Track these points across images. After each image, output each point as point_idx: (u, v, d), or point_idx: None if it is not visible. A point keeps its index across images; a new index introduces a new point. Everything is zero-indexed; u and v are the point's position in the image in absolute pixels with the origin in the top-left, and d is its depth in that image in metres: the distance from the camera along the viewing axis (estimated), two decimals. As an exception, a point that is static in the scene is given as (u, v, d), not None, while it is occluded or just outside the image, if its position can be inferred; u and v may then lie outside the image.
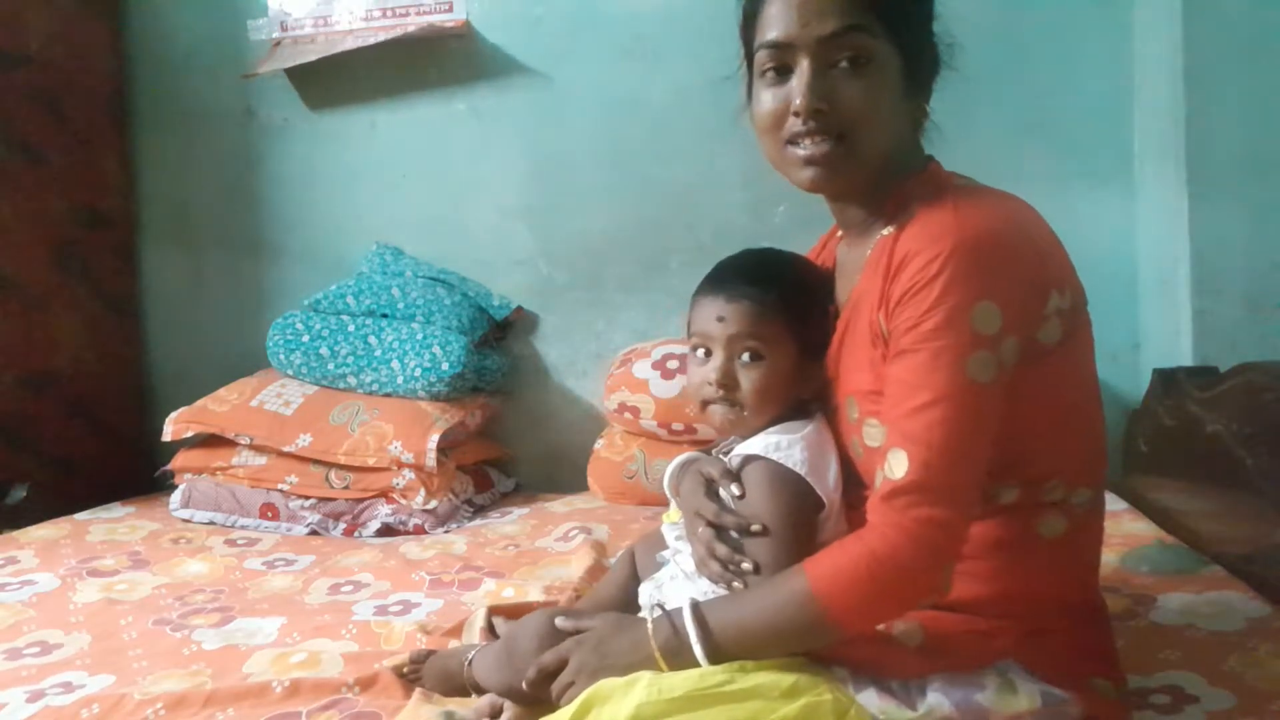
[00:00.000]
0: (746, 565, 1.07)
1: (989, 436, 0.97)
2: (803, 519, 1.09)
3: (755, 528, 1.07)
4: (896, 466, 0.95)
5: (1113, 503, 1.96)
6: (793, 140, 1.05)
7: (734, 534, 1.09)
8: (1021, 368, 0.98)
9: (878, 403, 1.02)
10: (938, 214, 1.00)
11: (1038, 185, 2.27)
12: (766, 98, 1.05)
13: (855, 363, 1.08)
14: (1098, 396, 1.10)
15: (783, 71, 1.04)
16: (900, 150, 1.08)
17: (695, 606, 1.02)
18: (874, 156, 1.05)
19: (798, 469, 1.10)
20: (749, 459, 1.12)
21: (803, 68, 1.01)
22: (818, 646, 1.01)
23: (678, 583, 1.19)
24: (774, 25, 1.03)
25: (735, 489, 1.11)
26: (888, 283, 1.01)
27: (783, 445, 1.11)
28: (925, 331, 0.96)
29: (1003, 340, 0.96)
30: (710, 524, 1.10)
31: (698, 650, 0.99)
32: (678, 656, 1.01)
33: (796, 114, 1.02)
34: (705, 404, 1.17)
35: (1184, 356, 2.06)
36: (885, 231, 1.06)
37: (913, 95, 1.07)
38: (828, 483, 1.11)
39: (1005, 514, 1.03)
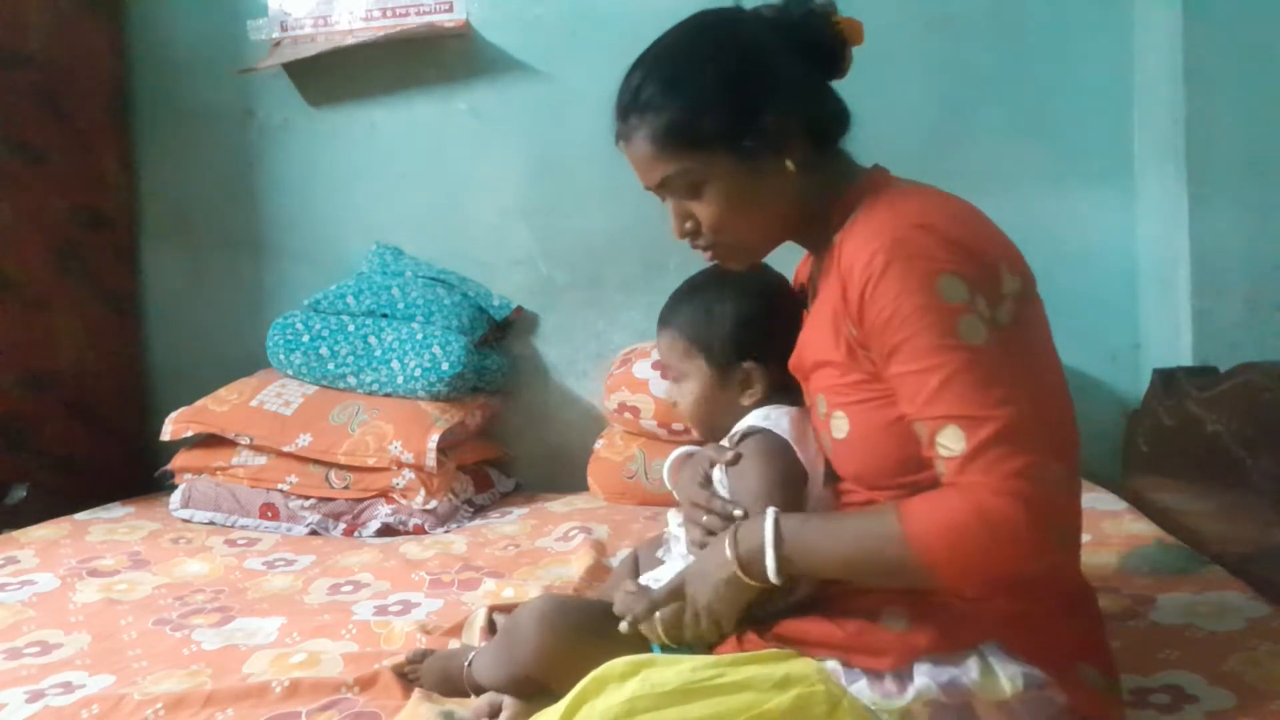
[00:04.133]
0: None
1: (1025, 378, 0.98)
2: (792, 486, 1.14)
3: (737, 513, 1.11)
4: (954, 443, 0.95)
5: (1113, 503, 1.97)
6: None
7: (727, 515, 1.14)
8: None
9: (843, 395, 1.07)
10: (875, 213, 1.05)
11: (1038, 185, 2.31)
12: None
13: (819, 363, 1.12)
14: (1061, 377, 1.11)
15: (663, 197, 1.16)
16: (810, 195, 1.12)
17: (776, 516, 1.03)
18: (756, 241, 1.16)
19: (785, 435, 1.16)
20: (748, 431, 1.19)
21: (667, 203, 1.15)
22: (896, 586, 1.02)
23: (675, 563, 1.23)
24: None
25: (730, 455, 1.17)
26: (842, 287, 1.04)
27: (772, 416, 1.19)
28: (903, 320, 0.98)
29: (976, 304, 0.98)
30: (706, 510, 1.15)
31: (769, 555, 1.01)
32: (754, 564, 1.03)
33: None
34: None
35: (1184, 356, 2.06)
36: (835, 239, 1.09)
37: (778, 158, 1.09)
38: (810, 454, 1.16)
39: None
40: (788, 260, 1.26)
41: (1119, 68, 2.30)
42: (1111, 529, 1.79)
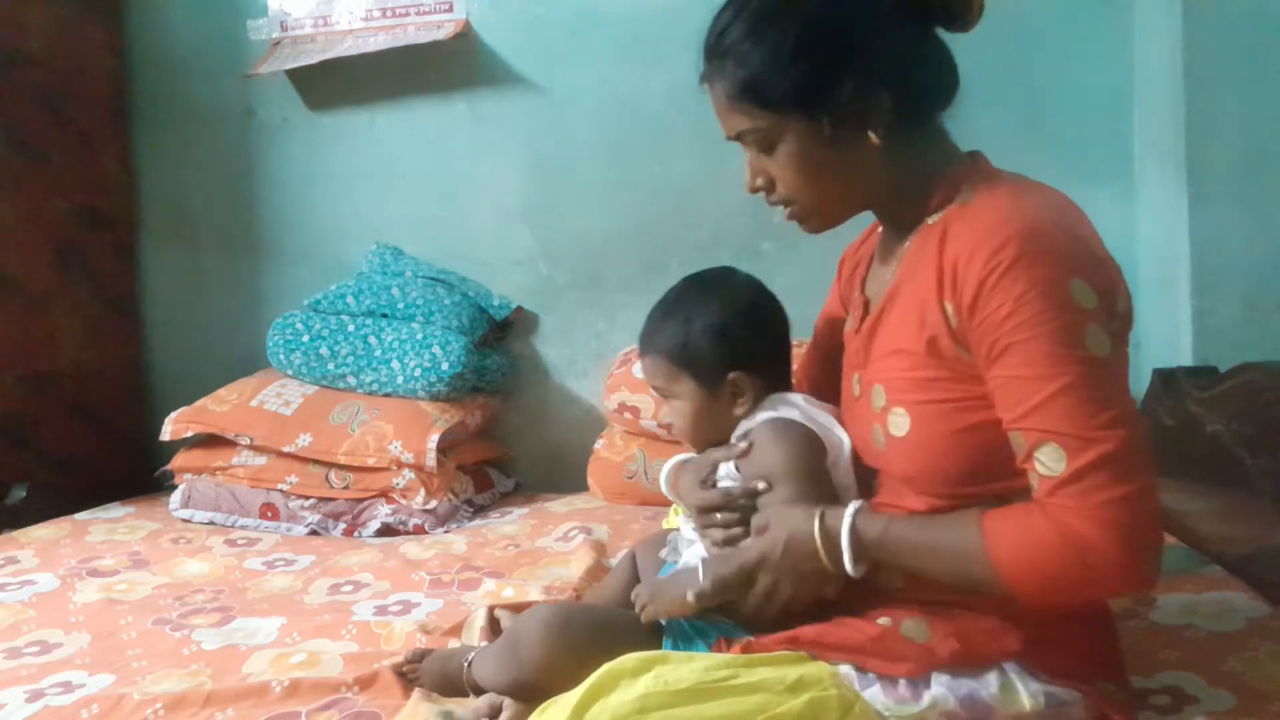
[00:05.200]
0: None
1: (1127, 398, 0.95)
2: (812, 460, 1.13)
3: (760, 485, 1.11)
4: (1053, 463, 0.91)
5: (1113, 503, 1.96)
6: None
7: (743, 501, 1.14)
8: None
9: (910, 392, 1.02)
10: (996, 200, 0.99)
11: (1038, 185, 2.30)
12: None
13: (889, 351, 1.06)
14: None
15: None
16: (898, 170, 1.06)
17: (854, 512, 1.02)
18: (831, 209, 1.10)
19: (797, 419, 1.15)
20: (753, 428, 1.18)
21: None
22: (972, 595, 1.00)
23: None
24: None
25: (741, 447, 1.16)
26: (948, 275, 0.98)
27: (780, 408, 1.18)
28: (1023, 320, 0.92)
29: (1100, 314, 0.93)
30: (723, 508, 1.14)
31: (846, 551, 1.00)
32: (836, 558, 1.02)
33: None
34: None
35: (1184, 356, 2.06)
36: (931, 220, 1.05)
37: (859, 129, 1.03)
38: (833, 432, 1.15)
39: None
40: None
41: (1119, 68, 2.30)
42: (1111, 529, 1.79)
